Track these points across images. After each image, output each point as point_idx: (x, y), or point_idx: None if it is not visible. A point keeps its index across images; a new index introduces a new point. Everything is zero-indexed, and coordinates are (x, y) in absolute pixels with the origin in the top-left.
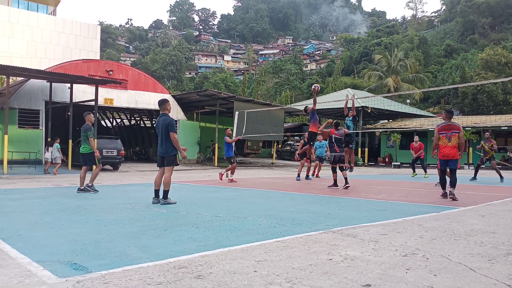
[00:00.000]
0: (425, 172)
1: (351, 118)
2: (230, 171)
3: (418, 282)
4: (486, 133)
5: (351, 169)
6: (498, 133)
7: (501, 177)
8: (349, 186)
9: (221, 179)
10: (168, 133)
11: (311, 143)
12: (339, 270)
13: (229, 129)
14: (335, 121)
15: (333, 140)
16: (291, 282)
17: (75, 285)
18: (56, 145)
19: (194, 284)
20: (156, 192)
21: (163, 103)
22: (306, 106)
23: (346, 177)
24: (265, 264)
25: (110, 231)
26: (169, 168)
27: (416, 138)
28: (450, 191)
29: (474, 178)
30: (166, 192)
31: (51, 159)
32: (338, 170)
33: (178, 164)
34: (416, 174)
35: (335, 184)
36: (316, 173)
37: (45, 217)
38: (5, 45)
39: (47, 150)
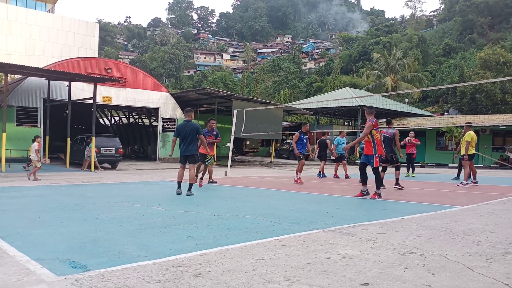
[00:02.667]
0: (413, 171)
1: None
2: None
3: (416, 281)
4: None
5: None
6: (496, 133)
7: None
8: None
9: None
10: (195, 136)
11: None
12: (337, 269)
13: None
14: (388, 118)
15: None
16: (290, 280)
17: (74, 283)
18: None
19: (193, 282)
20: (179, 183)
21: (189, 111)
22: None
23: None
24: (264, 263)
25: (109, 229)
26: (193, 166)
27: (411, 133)
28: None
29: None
30: (191, 185)
31: (86, 158)
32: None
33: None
34: (414, 175)
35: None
36: (345, 173)
37: (44, 215)
38: (3, 42)
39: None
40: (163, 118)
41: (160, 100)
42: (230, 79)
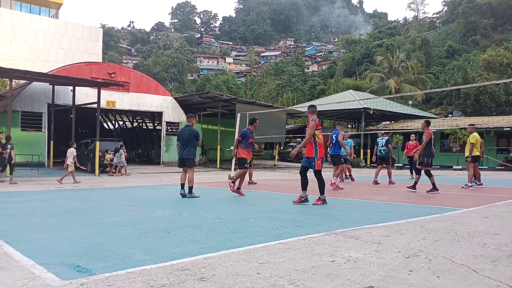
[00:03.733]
0: (411, 173)
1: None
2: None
3: (421, 284)
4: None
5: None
6: (500, 134)
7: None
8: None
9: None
10: (193, 140)
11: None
12: (342, 272)
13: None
14: (427, 119)
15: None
16: (294, 284)
17: (79, 287)
18: (121, 151)
19: (197, 286)
20: (182, 185)
21: (190, 117)
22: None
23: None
24: (268, 266)
25: (113, 234)
26: (191, 169)
27: (412, 136)
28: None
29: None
30: (191, 188)
31: (116, 162)
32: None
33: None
34: (412, 178)
35: (434, 188)
36: (349, 174)
37: (48, 220)
38: (8, 48)
39: (114, 155)
40: (167, 122)
41: (164, 104)
42: (233, 83)
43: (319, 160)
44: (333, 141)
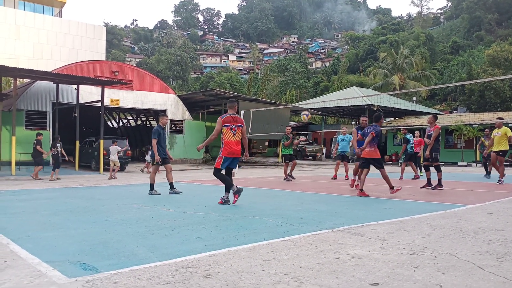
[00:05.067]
0: (420, 170)
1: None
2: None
3: (426, 281)
4: (486, 130)
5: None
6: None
7: (488, 174)
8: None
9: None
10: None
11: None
12: (346, 269)
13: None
14: (434, 114)
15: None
16: (299, 281)
17: (85, 285)
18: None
19: (203, 283)
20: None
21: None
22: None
23: (440, 179)
24: (273, 263)
25: (118, 231)
26: (169, 166)
27: (416, 133)
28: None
29: (487, 175)
30: (171, 184)
31: (149, 161)
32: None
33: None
34: (422, 174)
35: (440, 184)
36: (345, 174)
37: (54, 218)
38: (12, 47)
39: (147, 153)
40: (171, 120)
41: (167, 102)
42: (237, 80)
43: (220, 159)
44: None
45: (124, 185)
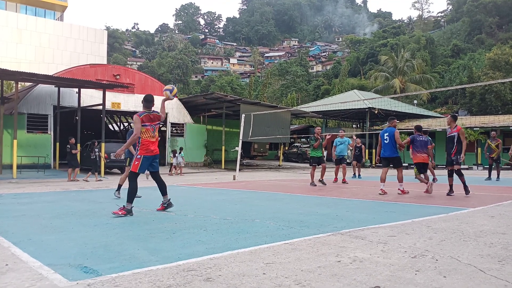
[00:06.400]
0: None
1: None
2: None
3: (427, 284)
4: (493, 132)
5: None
6: (506, 133)
7: (497, 177)
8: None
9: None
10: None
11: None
12: (348, 272)
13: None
14: (453, 114)
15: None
16: (300, 284)
17: None
18: (181, 153)
19: (204, 286)
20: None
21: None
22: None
23: (452, 184)
24: (274, 267)
25: (119, 234)
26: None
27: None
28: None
29: (489, 178)
30: (119, 186)
31: (176, 163)
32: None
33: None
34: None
35: (451, 189)
36: (342, 177)
37: (55, 221)
38: (14, 51)
39: (174, 156)
40: (172, 123)
41: (168, 105)
42: (238, 84)
43: (137, 161)
44: (386, 141)
45: (124, 188)
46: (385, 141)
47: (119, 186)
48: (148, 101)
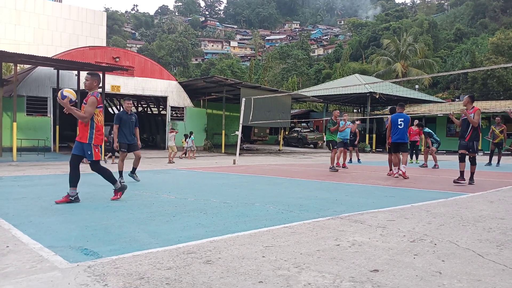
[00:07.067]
0: (417, 158)
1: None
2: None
3: (426, 268)
4: (497, 118)
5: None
6: (508, 119)
7: (498, 162)
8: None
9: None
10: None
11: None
12: (347, 256)
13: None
14: (471, 94)
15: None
16: (299, 267)
17: (86, 270)
18: (192, 137)
19: (203, 269)
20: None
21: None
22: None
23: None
24: (273, 250)
25: (120, 217)
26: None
27: (415, 121)
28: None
29: (489, 163)
30: (120, 174)
31: (187, 148)
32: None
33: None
34: (418, 162)
35: (462, 176)
36: (343, 161)
37: (56, 204)
38: (12, 32)
39: (185, 141)
40: (172, 107)
41: (168, 89)
42: (238, 67)
43: (96, 148)
44: (400, 126)
45: (125, 172)
46: (399, 126)
47: (134, 169)
48: (99, 80)
